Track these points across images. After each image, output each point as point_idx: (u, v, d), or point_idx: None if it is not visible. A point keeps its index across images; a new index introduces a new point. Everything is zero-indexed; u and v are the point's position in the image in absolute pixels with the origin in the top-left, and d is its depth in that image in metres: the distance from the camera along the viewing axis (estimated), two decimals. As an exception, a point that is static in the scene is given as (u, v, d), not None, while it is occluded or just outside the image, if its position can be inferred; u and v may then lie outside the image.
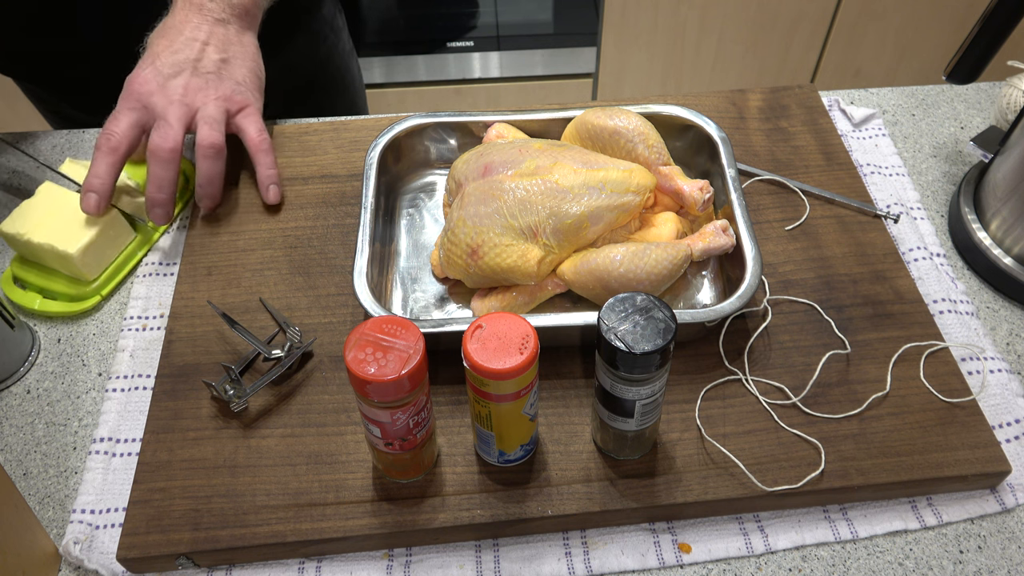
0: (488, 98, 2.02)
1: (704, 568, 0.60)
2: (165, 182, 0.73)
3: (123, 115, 0.73)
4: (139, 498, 0.61)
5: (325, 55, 1.07)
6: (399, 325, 0.53)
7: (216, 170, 0.76)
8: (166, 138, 0.73)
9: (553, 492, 0.61)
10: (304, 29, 1.02)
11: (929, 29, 1.91)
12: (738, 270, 0.68)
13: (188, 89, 0.75)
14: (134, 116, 0.74)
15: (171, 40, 0.76)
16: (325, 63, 1.07)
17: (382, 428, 0.55)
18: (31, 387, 0.70)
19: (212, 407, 0.66)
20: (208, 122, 0.75)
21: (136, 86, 0.74)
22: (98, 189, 0.72)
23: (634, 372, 0.53)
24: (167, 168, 0.73)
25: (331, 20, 1.06)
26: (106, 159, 0.72)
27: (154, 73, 0.75)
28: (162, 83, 0.75)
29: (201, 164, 0.75)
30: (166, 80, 0.75)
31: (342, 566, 0.60)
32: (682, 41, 1.91)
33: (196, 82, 0.76)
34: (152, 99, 0.74)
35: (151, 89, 0.74)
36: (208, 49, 0.77)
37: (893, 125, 0.90)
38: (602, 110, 0.73)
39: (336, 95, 1.12)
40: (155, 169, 0.73)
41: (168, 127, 0.73)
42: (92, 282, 0.74)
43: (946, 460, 0.61)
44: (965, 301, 0.73)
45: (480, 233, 0.66)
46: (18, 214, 0.73)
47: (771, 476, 0.61)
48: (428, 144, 0.81)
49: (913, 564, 0.60)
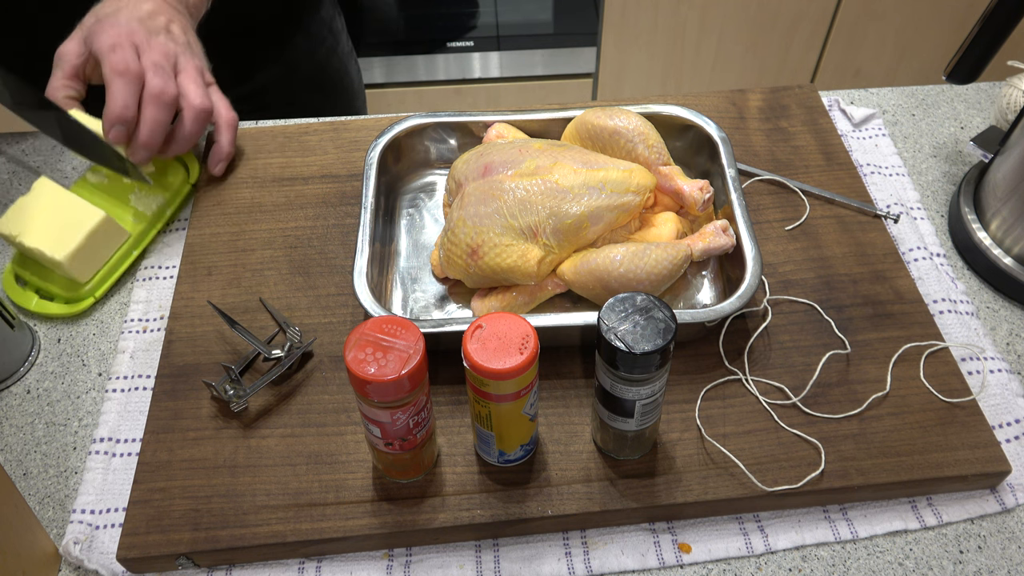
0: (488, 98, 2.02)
1: (704, 568, 0.60)
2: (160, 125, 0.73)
3: (129, 48, 0.72)
4: (139, 498, 0.61)
5: (324, 56, 1.07)
6: (399, 325, 0.53)
7: (199, 133, 0.76)
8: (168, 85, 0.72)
9: (553, 492, 0.61)
10: (303, 31, 1.02)
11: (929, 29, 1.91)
12: (738, 270, 0.68)
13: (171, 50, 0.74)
14: (133, 52, 0.72)
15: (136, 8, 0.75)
16: (324, 65, 1.07)
17: (382, 428, 0.55)
18: (31, 387, 0.70)
19: (212, 407, 0.66)
20: (199, 91, 0.75)
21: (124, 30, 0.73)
22: (131, 119, 0.72)
23: (634, 372, 0.53)
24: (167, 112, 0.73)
25: (330, 22, 1.06)
26: (131, 86, 0.71)
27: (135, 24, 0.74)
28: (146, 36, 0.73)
29: (191, 124, 0.75)
30: (149, 35, 0.73)
31: (342, 566, 0.60)
32: (682, 41, 1.91)
33: (176, 48, 0.75)
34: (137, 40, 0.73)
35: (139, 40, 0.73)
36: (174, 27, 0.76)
37: (893, 125, 0.90)
38: (602, 110, 0.73)
39: (335, 96, 1.12)
40: (157, 112, 0.72)
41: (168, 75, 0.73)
42: (86, 284, 0.74)
43: (946, 460, 0.61)
44: (965, 301, 0.73)
45: (480, 233, 0.66)
46: (14, 212, 0.73)
47: (771, 476, 0.61)
48: (428, 144, 0.81)
49: (913, 564, 0.60)
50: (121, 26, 0.73)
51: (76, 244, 0.72)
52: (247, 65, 0.99)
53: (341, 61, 1.11)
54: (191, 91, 0.75)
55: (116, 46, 0.72)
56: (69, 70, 0.75)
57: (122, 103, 0.71)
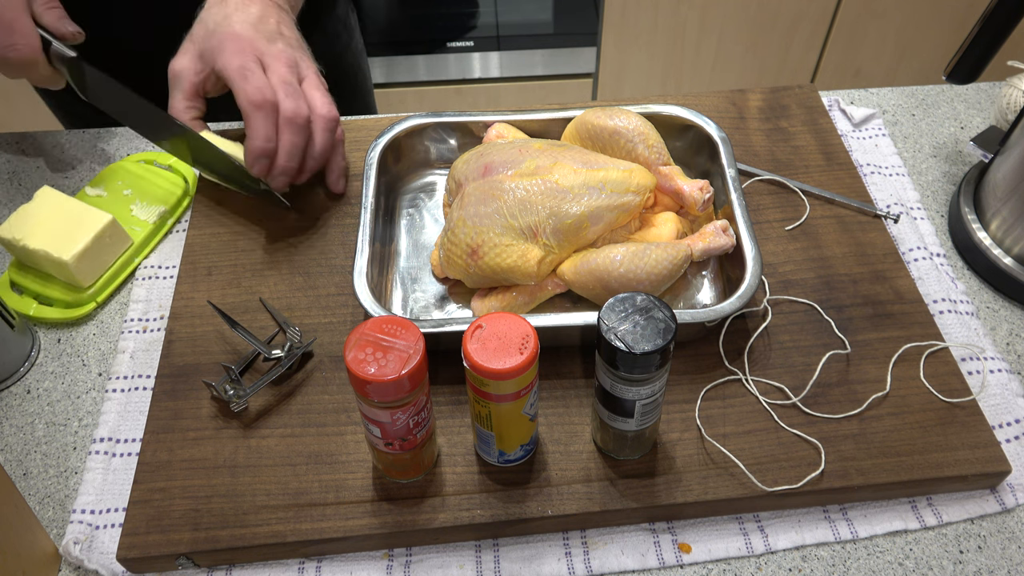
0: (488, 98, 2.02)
1: (704, 568, 0.60)
2: (298, 149, 0.72)
3: (256, 71, 0.70)
4: (139, 498, 0.61)
5: (339, 54, 1.07)
6: (399, 325, 0.53)
7: (330, 142, 0.75)
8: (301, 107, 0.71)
9: (553, 492, 0.61)
10: (320, 29, 1.02)
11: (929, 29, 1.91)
12: (738, 270, 0.68)
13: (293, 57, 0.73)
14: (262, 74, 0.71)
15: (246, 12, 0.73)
16: (339, 62, 1.08)
17: (382, 428, 0.55)
18: (31, 387, 0.70)
19: (212, 407, 0.66)
20: (324, 99, 0.73)
21: (247, 43, 0.71)
22: (273, 151, 0.71)
23: (634, 372, 0.53)
24: (303, 135, 0.72)
25: (345, 19, 1.07)
26: (270, 118, 0.70)
27: (254, 33, 0.72)
28: (266, 45, 0.72)
29: (322, 136, 0.73)
30: (268, 43, 0.72)
31: (342, 566, 0.60)
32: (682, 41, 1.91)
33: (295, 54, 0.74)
34: (265, 58, 0.72)
35: (258, 49, 0.72)
36: (284, 28, 0.75)
37: (893, 125, 0.90)
38: (602, 110, 0.73)
39: (349, 94, 1.12)
40: (294, 136, 0.71)
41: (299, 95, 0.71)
42: (87, 288, 0.74)
43: (946, 460, 0.61)
44: (965, 301, 0.73)
45: (480, 233, 0.66)
46: (15, 219, 0.73)
47: (771, 476, 0.61)
48: (428, 144, 0.81)
49: (913, 564, 0.60)
50: (241, 39, 0.71)
51: (83, 245, 0.72)
52: None
53: (355, 58, 1.11)
54: (317, 101, 0.73)
55: (245, 70, 0.70)
56: (189, 89, 0.74)
57: (264, 136, 0.70)
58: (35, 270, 0.76)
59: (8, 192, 0.85)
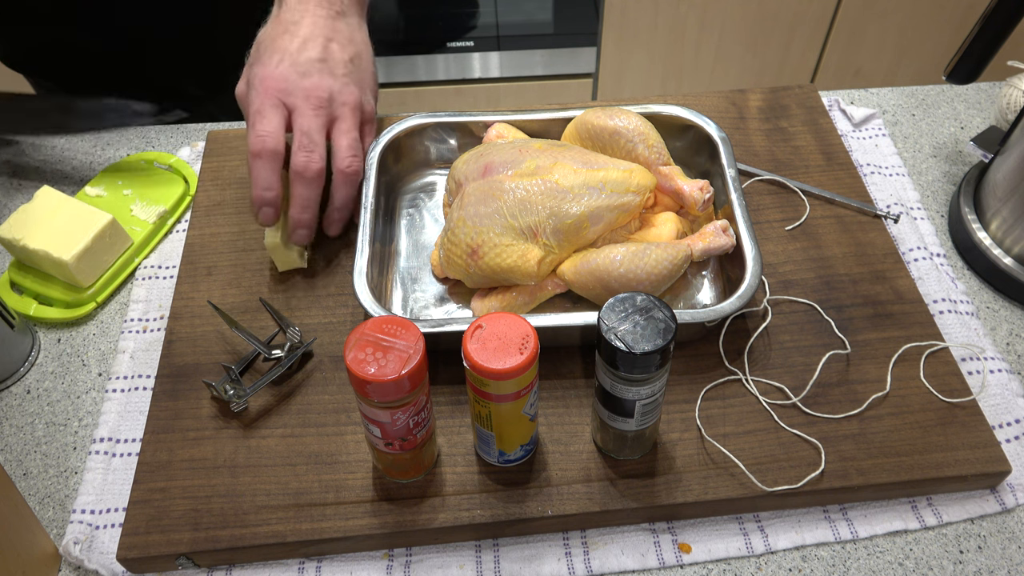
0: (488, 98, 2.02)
1: (704, 568, 0.60)
2: (312, 202, 0.70)
3: (270, 115, 0.69)
4: (139, 498, 0.61)
5: None
6: (399, 325, 0.53)
7: (352, 195, 0.73)
8: (312, 159, 0.69)
9: (553, 492, 0.61)
10: None
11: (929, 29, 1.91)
12: (738, 270, 0.68)
13: (328, 94, 0.70)
14: (280, 117, 0.69)
15: (292, 35, 0.71)
16: None
17: (382, 428, 0.55)
18: (31, 387, 0.70)
19: (212, 407, 0.66)
20: (351, 147, 0.71)
21: (271, 83, 0.69)
22: (273, 201, 0.69)
23: (634, 372, 0.53)
24: (315, 188, 0.70)
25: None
26: (270, 166, 0.68)
27: (288, 69, 0.70)
28: (296, 82, 0.70)
29: (340, 189, 0.72)
30: (299, 79, 0.70)
31: (342, 566, 0.60)
32: (682, 41, 1.91)
33: (332, 85, 0.71)
34: (291, 99, 0.70)
35: (288, 88, 0.70)
36: (333, 46, 0.72)
37: (893, 125, 0.90)
38: (602, 110, 0.73)
39: None
40: (304, 190, 0.69)
41: (314, 145, 0.69)
42: (87, 289, 0.74)
43: (946, 460, 0.61)
44: (965, 301, 0.73)
45: (480, 233, 0.66)
46: (15, 219, 0.73)
47: (771, 476, 0.61)
48: (428, 144, 0.81)
49: (913, 564, 0.60)
50: (270, 78, 0.69)
51: (83, 245, 0.72)
52: None
53: None
54: (341, 149, 0.71)
55: (259, 112, 0.69)
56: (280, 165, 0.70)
57: (261, 185, 0.69)
58: (35, 270, 0.76)
59: (8, 192, 0.85)
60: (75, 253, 0.72)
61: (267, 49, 0.71)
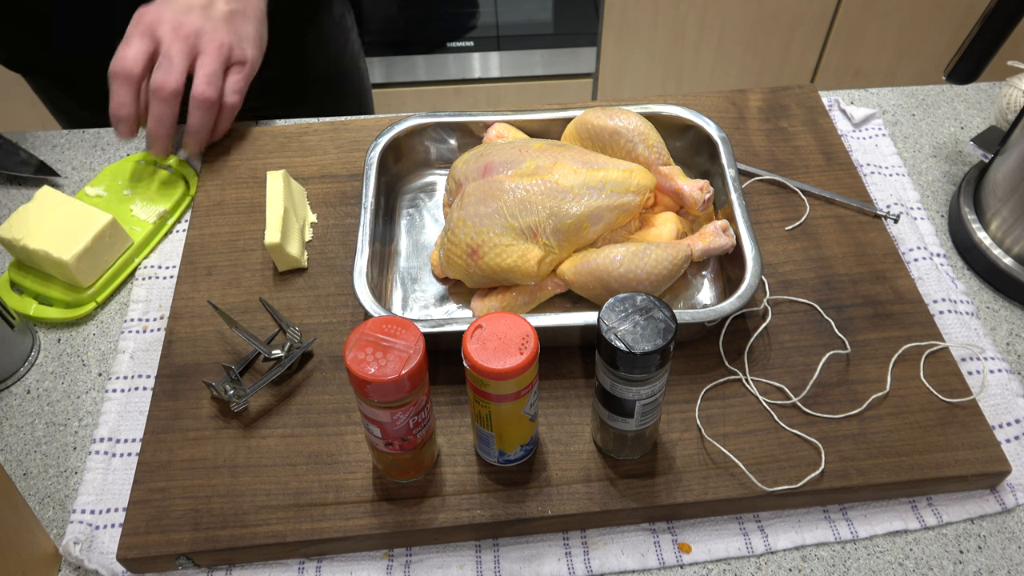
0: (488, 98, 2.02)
1: (704, 568, 0.60)
2: (166, 118, 0.76)
3: (134, 42, 0.75)
4: (139, 498, 0.61)
5: (336, 54, 1.07)
6: (399, 325, 0.53)
7: (206, 121, 0.79)
8: (168, 79, 0.75)
9: (553, 492, 0.61)
10: (315, 28, 1.02)
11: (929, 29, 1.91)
12: (738, 270, 0.68)
13: (196, 29, 0.76)
14: (144, 45, 0.75)
15: None
16: (336, 62, 1.08)
17: (382, 428, 0.55)
18: (31, 387, 0.70)
19: (212, 407, 0.66)
20: (207, 76, 0.76)
21: (147, 16, 0.76)
22: (127, 116, 0.76)
23: (634, 372, 0.53)
24: (169, 106, 0.76)
25: (340, 20, 1.07)
26: (125, 86, 0.75)
27: (165, 7, 0.76)
28: (171, 18, 0.76)
29: (193, 113, 0.77)
30: (175, 15, 0.76)
31: (342, 566, 0.60)
32: (682, 41, 1.91)
33: (204, 25, 0.77)
34: (160, 30, 0.76)
35: (160, 20, 0.76)
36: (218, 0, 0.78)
37: (893, 125, 0.90)
38: (602, 110, 0.73)
39: (345, 94, 1.12)
40: (157, 107, 0.76)
41: (171, 67, 0.75)
42: (87, 289, 0.74)
43: (946, 460, 0.61)
44: (965, 301, 0.73)
45: (480, 233, 0.66)
46: (15, 219, 0.73)
47: (771, 476, 0.61)
48: (428, 144, 0.81)
49: (913, 564, 0.60)
50: (149, 11, 0.76)
51: (83, 245, 0.72)
52: None
53: (352, 59, 1.11)
54: (197, 78, 0.76)
55: (126, 41, 0.75)
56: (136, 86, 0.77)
57: (116, 102, 0.75)
58: (35, 270, 0.76)
59: (8, 192, 0.85)
60: (75, 253, 0.72)
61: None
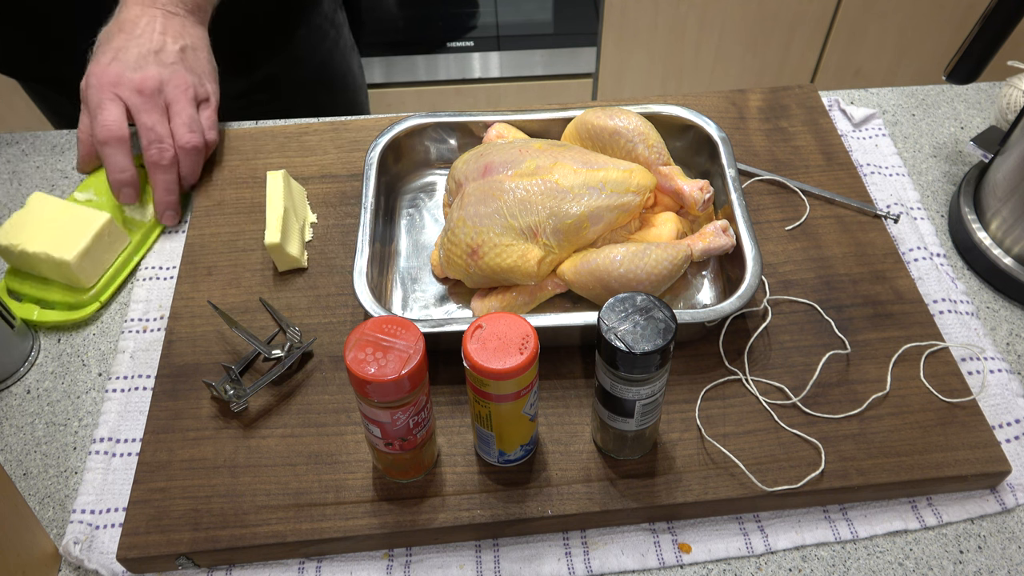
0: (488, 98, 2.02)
1: (704, 568, 0.60)
2: (173, 184, 0.78)
3: (109, 107, 0.75)
4: (139, 498, 0.61)
5: (327, 51, 1.07)
6: (399, 325, 0.53)
7: (197, 164, 0.80)
8: (163, 149, 0.76)
9: (553, 492, 0.61)
10: (305, 23, 1.02)
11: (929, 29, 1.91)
12: (738, 270, 0.68)
13: (158, 83, 0.76)
14: (118, 107, 0.75)
15: (128, 34, 0.77)
16: (327, 59, 1.08)
17: (382, 428, 0.55)
18: (31, 387, 0.70)
19: (212, 407, 0.66)
20: (186, 124, 0.77)
21: (106, 79, 0.75)
22: (130, 181, 0.77)
23: (634, 372, 0.53)
24: (172, 172, 0.78)
25: (331, 16, 1.07)
26: (119, 151, 0.75)
27: (121, 65, 0.76)
28: (129, 78, 0.76)
29: (184, 162, 0.78)
30: (132, 73, 0.76)
31: (342, 566, 0.60)
32: (682, 41, 1.91)
33: (162, 73, 0.77)
34: (123, 93, 0.76)
35: (119, 82, 0.76)
36: (166, 39, 0.78)
37: (893, 125, 0.90)
38: (602, 110, 0.73)
39: (337, 92, 1.12)
40: (161, 176, 0.77)
41: (160, 136, 0.76)
42: (89, 289, 0.74)
43: (946, 460, 0.61)
44: (965, 301, 0.73)
45: (480, 233, 0.66)
46: (10, 225, 0.73)
47: (771, 476, 0.61)
48: (428, 144, 0.81)
49: (913, 564, 0.60)
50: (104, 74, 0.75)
51: (83, 245, 0.72)
52: (249, 57, 0.99)
53: (344, 56, 1.11)
54: (178, 127, 0.77)
55: (99, 106, 0.75)
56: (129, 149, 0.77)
57: (117, 169, 0.76)
58: (32, 276, 0.75)
59: (8, 192, 0.85)
60: (77, 253, 0.71)
61: (102, 47, 0.78)
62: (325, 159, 0.83)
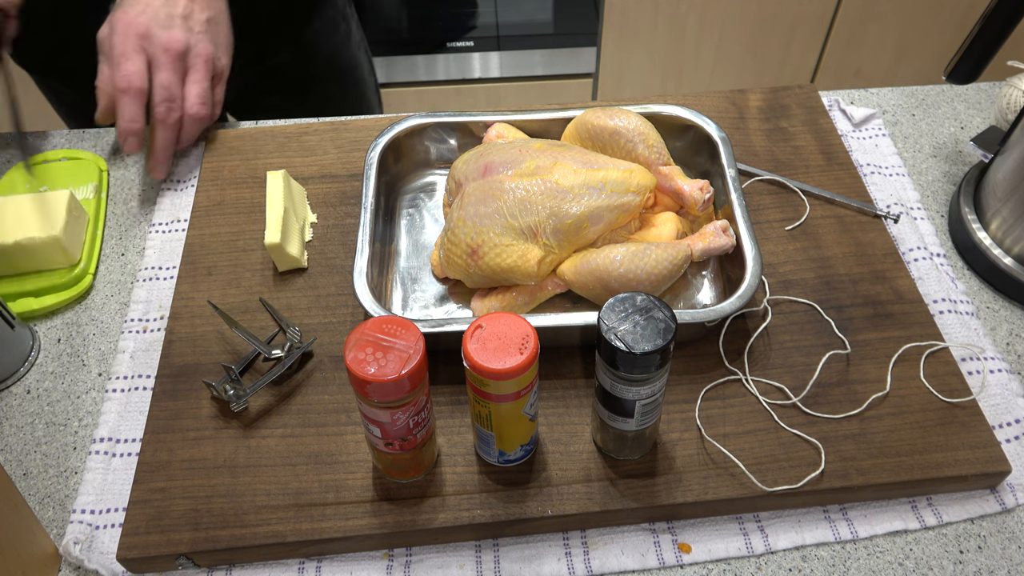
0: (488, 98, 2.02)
1: (704, 568, 0.60)
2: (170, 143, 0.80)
3: (133, 57, 0.76)
4: (139, 498, 0.61)
5: (339, 43, 1.08)
6: (399, 325, 0.53)
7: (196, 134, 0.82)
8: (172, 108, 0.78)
9: (553, 492, 0.61)
10: (318, 14, 1.03)
11: (929, 29, 1.91)
12: (738, 270, 0.68)
13: (183, 46, 0.77)
14: (142, 60, 0.76)
15: None
16: (337, 53, 1.08)
17: (382, 428, 0.55)
18: (31, 387, 0.70)
19: (212, 407, 0.66)
20: (200, 95, 0.79)
21: (135, 28, 0.76)
22: (138, 131, 0.78)
23: (634, 372, 0.53)
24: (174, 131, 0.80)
25: (343, 9, 1.07)
26: (135, 101, 0.77)
27: (150, 19, 0.77)
28: (158, 34, 0.77)
29: (187, 128, 0.80)
30: (160, 30, 0.77)
31: (342, 566, 0.60)
32: (682, 41, 1.91)
33: (189, 39, 0.78)
34: (151, 48, 0.77)
35: (148, 35, 0.76)
36: (194, 6, 0.79)
37: (893, 125, 0.90)
38: (602, 110, 0.73)
39: (348, 87, 1.12)
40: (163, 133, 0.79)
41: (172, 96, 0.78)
42: (77, 264, 0.75)
43: (946, 460, 0.61)
44: (965, 301, 0.73)
45: (480, 233, 0.66)
46: None
47: (771, 476, 0.61)
48: (428, 144, 0.81)
49: (913, 564, 0.60)
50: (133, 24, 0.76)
51: (63, 220, 0.74)
52: (262, 46, 1.00)
53: (353, 52, 1.11)
54: (191, 96, 0.79)
55: (124, 55, 0.76)
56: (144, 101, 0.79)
57: (128, 118, 0.77)
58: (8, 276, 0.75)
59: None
60: (61, 226, 0.73)
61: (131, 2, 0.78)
62: (325, 159, 0.83)
